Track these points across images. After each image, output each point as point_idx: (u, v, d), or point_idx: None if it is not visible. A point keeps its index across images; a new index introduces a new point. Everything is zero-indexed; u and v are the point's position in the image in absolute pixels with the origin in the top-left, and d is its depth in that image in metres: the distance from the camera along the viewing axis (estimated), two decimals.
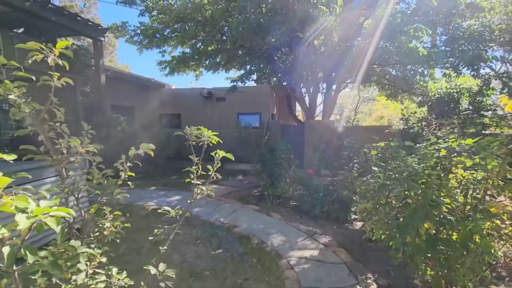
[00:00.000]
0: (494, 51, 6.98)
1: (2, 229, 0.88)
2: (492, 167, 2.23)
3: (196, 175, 2.01)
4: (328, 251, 3.58)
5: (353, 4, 6.91)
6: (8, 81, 1.38)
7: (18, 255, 0.93)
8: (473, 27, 7.18)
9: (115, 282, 1.55)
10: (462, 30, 7.21)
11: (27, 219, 0.88)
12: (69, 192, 1.60)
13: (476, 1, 6.53)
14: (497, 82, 8.10)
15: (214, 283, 2.85)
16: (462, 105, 7.10)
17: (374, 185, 2.60)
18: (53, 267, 1.03)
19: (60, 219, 0.94)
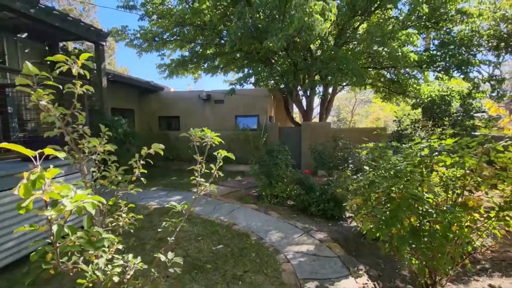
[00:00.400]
0: (484, 56, 7.28)
1: (51, 211, 1.09)
2: (470, 165, 2.47)
3: (199, 173, 2.23)
4: (323, 246, 3.79)
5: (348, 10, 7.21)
6: (40, 89, 1.59)
7: (62, 233, 1.14)
8: (463, 32, 7.48)
9: (131, 266, 1.76)
10: (453, 35, 7.52)
11: (71, 203, 1.09)
12: (90, 186, 1.81)
13: (465, 8, 6.83)
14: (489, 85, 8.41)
15: (215, 275, 3.05)
16: (453, 107, 7.38)
17: (364, 183, 2.83)
18: (88, 245, 1.24)
19: (95, 204, 1.15)
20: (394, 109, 17.86)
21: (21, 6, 5.34)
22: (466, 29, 7.58)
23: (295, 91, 10.38)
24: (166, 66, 11.64)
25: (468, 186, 2.52)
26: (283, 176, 6.11)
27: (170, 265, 1.95)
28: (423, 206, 2.39)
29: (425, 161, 2.50)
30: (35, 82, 1.59)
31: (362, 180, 2.86)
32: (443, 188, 2.61)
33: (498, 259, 3.60)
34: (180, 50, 11.78)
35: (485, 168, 2.50)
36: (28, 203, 1.02)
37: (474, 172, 2.50)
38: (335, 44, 8.38)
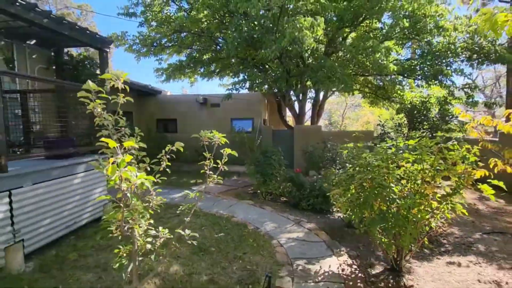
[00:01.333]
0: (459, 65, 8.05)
1: (128, 182, 1.64)
2: (428, 161, 3.11)
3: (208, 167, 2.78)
4: (311, 233, 4.39)
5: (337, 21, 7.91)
6: (98, 100, 2.13)
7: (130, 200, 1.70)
8: (442, 44, 8.26)
9: (161, 235, 2.32)
10: (432, 46, 8.29)
11: (138, 178, 1.64)
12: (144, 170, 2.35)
13: (442, 23, 7.60)
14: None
15: (219, 256, 3.60)
16: (432, 112, 8.13)
17: (344, 176, 3.44)
18: (145, 209, 1.80)
19: (151, 181, 1.71)
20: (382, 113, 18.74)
21: (35, 17, 5.81)
22: (444, 41, 8.37)
23: (288, 95, 11.02)
24: (164, 70, 12.16)
25: (426, 178, 3.16)
26: (277, 175, 6.69)
27: (188, 239, 2.50)
28: (389, 193, 3.01)
29: (391, 157, 3.12)
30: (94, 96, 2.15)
31: (342, 174, 3.47)
32: (406, 180, 3.24)
33: (460, 243, 4.26)
34: (178, 55, 12.33)
35: (440, 163, 3.15)
36: (115, 177, 1.57)
37: (432, 167, 3.14)
38: (325, 53, 9.06)
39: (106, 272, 3.14)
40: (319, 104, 12.06)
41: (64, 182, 3.74)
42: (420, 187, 3.03)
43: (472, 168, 2.92)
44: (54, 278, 3.00)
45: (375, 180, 2.89)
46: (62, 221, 3.70)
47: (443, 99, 7.65)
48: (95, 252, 3.58)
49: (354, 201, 3.16)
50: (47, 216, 3.47)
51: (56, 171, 3.65)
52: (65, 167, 3.80)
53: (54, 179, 3.59)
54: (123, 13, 10.42)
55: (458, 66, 8.27)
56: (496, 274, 3.29)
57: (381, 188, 2.95)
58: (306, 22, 5.42)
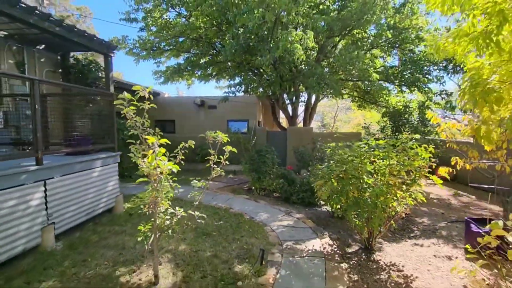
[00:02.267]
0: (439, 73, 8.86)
1: (159, 168, 2.28)
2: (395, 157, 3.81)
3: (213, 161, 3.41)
4: (300, 221, 5.06)
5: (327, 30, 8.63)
6: (131, 107, 2.76)
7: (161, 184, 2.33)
8: (423, 53, 9.06)
9: (178, 213, 2.95)
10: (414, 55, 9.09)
11: (168, 165, 2.28)
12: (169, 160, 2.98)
13: (421, 35, 8.39)
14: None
15: (220, 239, 4.24)
16: (414, 116, 8.91)
17: (326, 170, 4.12)
18: (172, 189, 2.44)
19: (178, 166, 2.35)
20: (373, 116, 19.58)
21: (49, 26, 6.37)
22: (425, 51, 9.17)
23: (281, 98, 11.71)
24: (162, 72, 12.72)
25: (393, 171, 3.86)
26: (270, 172, 7.35)
27: (198, 218, 3.14)
28: (362, 183, 3.69)
29: (363, 154, 3.81)
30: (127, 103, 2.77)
31: (324, 169, 4.16)
32: (377, 173, 3.93)
33: (427, 230, 4.97)
34: (175, 58, 12.92)
35: (404, 159, 3.86)
36: (154, 164, 2.21)
37: (398, 162, 3.84)
38: (316, 59, 9.78)
39: (124, 249, 3.75)
40: (311, 107, 12.80)
41: (85, 175, 4.34)
42: (388, 179, 3.72)
43: (427, 163, 3.63)
44: (82, 254, 3.60)
45: (348, 172, 3.57)
46: (84, 209, 4.30)
47: (422, 104, 8.45)
48: (113, 235, 4.19)
49: (333, 190, 3.84)
50: (72, 204, 4.06)
51: (79, 165, 4.25)
52: (85, 162, 4.39)
53: (77, 172, 4.19)
54: (125, 19, 10.99)
55: (438, 73, 9.08)
56: (450, 252, 4.01)
57: (354, 178, 3.64)
58: (297, 36, 6.12)
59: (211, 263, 3.44)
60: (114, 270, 3.21)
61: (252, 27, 6.67)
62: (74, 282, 2.97)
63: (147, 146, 2.50)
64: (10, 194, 3.14)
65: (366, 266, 3.52)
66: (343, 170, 3.64)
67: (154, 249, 2.96)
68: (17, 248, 3.24)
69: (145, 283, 2.98)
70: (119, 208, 5.18)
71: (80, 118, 4.84)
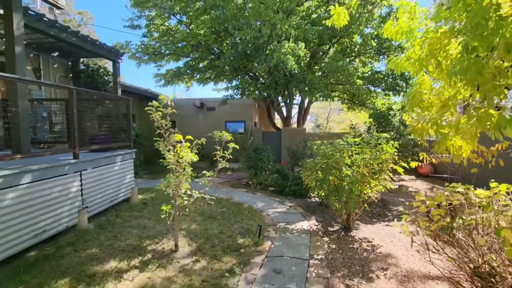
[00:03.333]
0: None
1: (183, 159, 3.14)
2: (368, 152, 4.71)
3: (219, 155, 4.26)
4: (291, 209, 5.94)
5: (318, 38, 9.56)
6: (159, 112, 3.60)
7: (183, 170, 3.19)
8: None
9: (194, 195, 3.80)
10: None
11: (191, 156, 3.14)
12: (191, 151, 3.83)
13: (402, 44, 9.36)
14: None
15: (224, 221, 5.09)
16: (397, 117, 9.87)
17: (313, 163, 5.01)
18: (191, 175, 3.30)
19: (197, 157, 3.21)
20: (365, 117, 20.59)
21: (67, 36, 7.17)
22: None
23: (276, 101, 12.61)
24: (162, 76, 13.53)
25: (367, 163, 4.76)
26: (266, 169, 8.23)
27: (209, 200, 4.00)
28: (341, 173, 4.59)
29: (342, 149, 4.72)
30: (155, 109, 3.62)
31: (311, 162, 5.05)
32: (353, 165, 4.83)
33: (399, 215, 5.89)
34: (175, 62, 13.73)
35: (376, 154, 4.76)
36: (181, 155, 3.07)
37: (371, 156, 4.75)
38: (308, 64, 10.69)
39: (146, 229, 4.58)
40: (304, 109, 13.74)
41: (109, 168, 5.17)
42: (362, 170, 4.62)
43: (392, 157, 4.54)
44: (111, 232, 4.43)
45: (329, 164, 4.47)
46: (108, 197, 5.12)
47: (402, 107, 9.42)
48: (133, 219, 5.02)
49: (318, 179, 4.74)
50: (100, 192, 4.88)
51: (104, 160, 5.07)
52: (109, 157, 5.22)
53: (103, 165, 5.01)
54: (129, 26, 11.82)
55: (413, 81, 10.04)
56: (414, 229, 4.91)
57: (334, 169, 4.54)
58: (289, 47, 7.02)
59: (219, 237, 4.31)
60: (141, 242, 4.05)
61: (250, 39, 7.55)
62: (111, 250, 3.80)
63: (175, 142, 3.35)
64: (58, 181, 3.97)
65: (343, 239, 4.42)
66: (325, 162, 4.54)
67: (175, 223, 3.81)
68: (62, 225, 4.06)
69: (167, 250, 3.83)
70: (135, 198, 6.01)
71: (102, 119, 5.64)
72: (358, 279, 3.22)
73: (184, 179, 3.50)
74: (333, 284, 3.12)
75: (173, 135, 3.73)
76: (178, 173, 3.39)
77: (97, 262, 3.44)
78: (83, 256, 3.59)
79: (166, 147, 3.46)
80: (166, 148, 3.44)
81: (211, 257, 3.67)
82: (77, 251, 3.73)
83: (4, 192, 3.21)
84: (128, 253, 3.72)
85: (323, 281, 3.15)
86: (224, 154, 4.16)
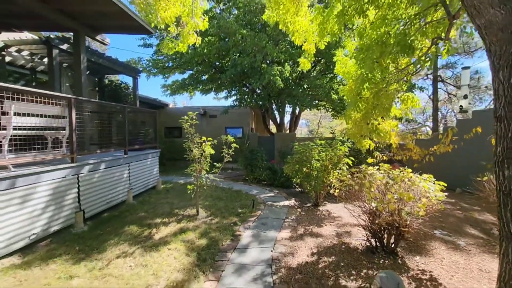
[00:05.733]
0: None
1: (202, 152, 5.28)
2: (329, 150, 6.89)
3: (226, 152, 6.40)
4: (278, 194, 8.08)
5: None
6: (188, 123, 5.75)
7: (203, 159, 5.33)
8: None
9: (210, 177, 5.92)
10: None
11: (209, 149, 5.28)
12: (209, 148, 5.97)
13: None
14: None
15: (228, 201, 7.20)
16: None
17: (291, 159, 7.17)
18: (209, 163, 5.45)
19: (213, 151, 5.36)
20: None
21: (103, 62, 9.34)
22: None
23: (270, 109, 14.81)
24: (169, 86, 15.69)
25: (331, 160, 6.93)
26: (260, 166, 10.36)
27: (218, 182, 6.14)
28: (311, 165, 6.76)
29: (310, 148, 6.89)
30: (192, 121, 5.78)
31: (291, 159, 7.22)
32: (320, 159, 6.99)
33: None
34: (180, 74, 15.91)
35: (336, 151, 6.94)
36: (205, 149, 5.22)
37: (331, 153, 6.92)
38: (298, 79, 12.91)
39: (173, 204, 6.68)
40: (295, 116, 15.97)
41: (144, 162, 7.29)
42: (325, 163, 6.77)
43: (343, 153, 6.71)
44: (150, 205, 6.52)
45: (300, 157, 6.64)
46: (143, 183, 7.24)
47: None
48: (162, 199, 7.13)
49: (294, 170, 6.89)
50: (139, 179, 7.01)
51: (142, 156, 7.20)
52: (144, 155, 7.34)
53: (141, 160, 7.14)
54: (142, 45, 14.03)
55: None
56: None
57: (305, 162, 6.70)
58: (277, 70, 9.22)
59: (225, 208, 6.43)
60: (172, 210, 6.16)
61: (247, 63, 9.76)
62: (154, 214, 5.90)
63: (197, 142, 5.49)
64: (117, 169, 6.09)
65: (311, 210, 6.55)
66: (299, 157, 6.71)
67: (196, 196, 5.93)
68: (119, 199, 6.17)
69: (192, 214, 5.93)
70: (159, 186, 8.12)
71: (139, 127, 7.78)
72: (313, 226, 5.35)
73: (204, 166, 5.62)
74: (297, 228, 5.25)
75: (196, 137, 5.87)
76: (200, 163, 5.52)
77: (147, 219, 5.55)
78: (137, 216, 5.70)
79: (194, 145, 5.59)
80: (193, 145, 5.57)
81: (221, 217, 5.80)
82: (132, 214, 5.84)
83: (93, 173, 5.33)
84: (166, 215, 5.83)
85: (291, 227, 5.29)
86: (228, 152, 6.29)
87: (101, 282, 3.29)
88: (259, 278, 3.47)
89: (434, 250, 4.29)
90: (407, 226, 4.00)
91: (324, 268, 3.71)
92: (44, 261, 3.74)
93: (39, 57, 8.86)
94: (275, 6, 4.91)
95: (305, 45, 5.49)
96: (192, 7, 4.17)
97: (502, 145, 2.18)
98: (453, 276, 3.47)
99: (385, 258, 3.97)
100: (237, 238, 4.78)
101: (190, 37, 4.62)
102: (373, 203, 4.07)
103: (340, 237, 4.90)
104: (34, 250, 4.08)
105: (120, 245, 4.30)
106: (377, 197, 4.05)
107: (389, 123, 5.14)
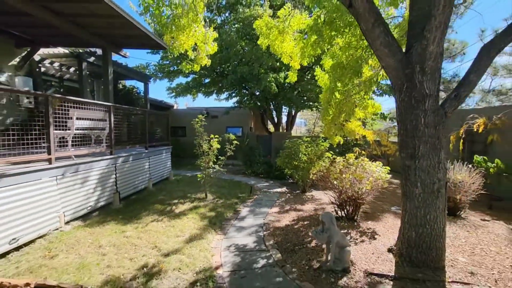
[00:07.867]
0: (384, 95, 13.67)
1: (211, 147, 6.91)
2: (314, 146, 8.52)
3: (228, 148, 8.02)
4: (273, 184, 9.71)
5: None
6: (199, 123, 7.38)
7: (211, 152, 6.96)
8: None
9: (216, 167, 7.54)
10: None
11: (216, 144, 6.91)
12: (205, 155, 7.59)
13: None
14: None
15: (230, 189, 8.82)
16: None
17: (282, 154, 8.79)
18: (215, 155, 7.09)
19: (219, 145, 6.99)
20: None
21: (121, 70, 10.97)
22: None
23: (268, 110, 16.43)
24: (173, 89, 17.31)
25: (316, 154, 8.56)
26: (257, 161, 11.99)
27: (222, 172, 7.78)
28: (299, 158, 8.39)
29: (298, 144, 8.51)
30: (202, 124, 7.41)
31: (282, 152, 8.85)
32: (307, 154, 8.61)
33: None
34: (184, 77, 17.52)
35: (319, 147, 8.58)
36: (214, 145, 6.85)
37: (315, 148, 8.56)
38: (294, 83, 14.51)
39: (185, 191, 8.31)
40: (292, 116, 17.59)
41: (159, 157, 8.92)
42: (310, 156, 8.39)
43: (324, 148, 8.34)
44: (166, 191, 8.15)
45: (290, 153, 8.27)
46: (160, 174, 8.88)
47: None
48: (175, 187, 8.76)
49: (285, 162, 8.51)
50: (156, 170, 8.65)
51: (157, 151, 8.83)
52: (159, 150, 8.98)
53: (157, 155, 8.77)
54: (151, 52, 15.65)
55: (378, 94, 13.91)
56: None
57: (294, 155, 8.32)
58: (272, 77, 10.83)
59: (228, 193, 8.06)
60: (185, 194, 7.78)
61: (246, 70, 11.39)
62: (170, 197, 7.52)
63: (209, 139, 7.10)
64: (141, 161, 7.72)
65: (298, 195, 8.16)
66: (288, 151, 8.34)
67: (205, 183, 7.55)
68: (142, 186, 7.81)
69: (201, 197, 7.55)
70: (171, 178, 9.76)
71: (155, 126, 9.41)
72: (297, 205, 6.98)
73: (212, 158, 7.24)
74: (284, 206, 6.87)
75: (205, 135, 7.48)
76: (209, 155, 7.13)
77: (167, 200, 7.18)
78: (158, 198, 7.33)
79: (203, 141, 7.20)
80: (203, 142, 7.19)
81: (225, 199, 7.43)
82: (154, 197, 7.47)
83: (125, 163, 6.97)
84: (181, 198, 7.46)
85: (280, 205, 6.92)
86: (230, 147, 7.89)
87: (145, 234, 4.92)
88: (253, 233, 5.10)
89: (384, 219, 5.91)
90: (362, 199, 5.62)
91: (300, 227, 5.34)
92: (100, 223, 5.37)
93: (66, 67, 10.47)
94: (266, 34, 6.53)
95: (291, 62, 7.10)
96: (205, 38, 5.77)
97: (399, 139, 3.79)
98: (388, 231, 5.09)
99: (346, 222, 5.59)
100: (238, 212, 6.41)
101: (203, 60, 6.23)
102: (335, 182, 5.67)
103: (316, 211, 6.52)
104: (90, 217, 5.71)
105: (151, 216, 5.93)
106: (338, 178, 5.65)
107: (354, 124, 6.75)
